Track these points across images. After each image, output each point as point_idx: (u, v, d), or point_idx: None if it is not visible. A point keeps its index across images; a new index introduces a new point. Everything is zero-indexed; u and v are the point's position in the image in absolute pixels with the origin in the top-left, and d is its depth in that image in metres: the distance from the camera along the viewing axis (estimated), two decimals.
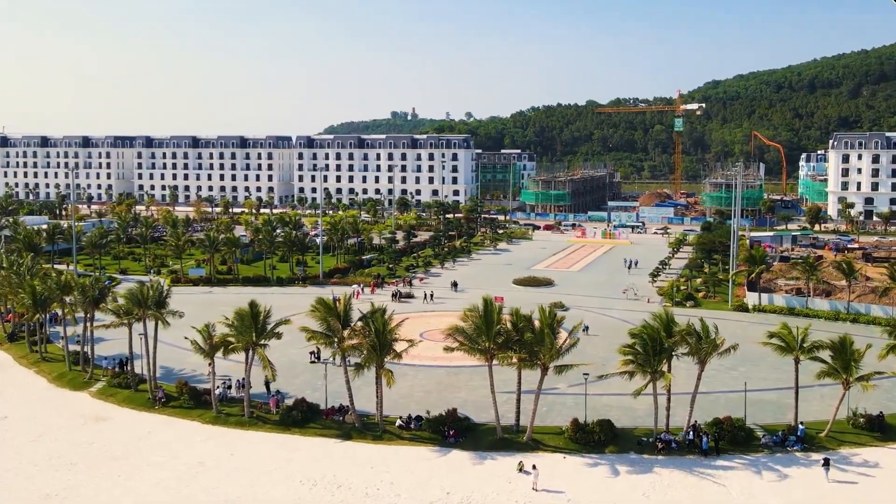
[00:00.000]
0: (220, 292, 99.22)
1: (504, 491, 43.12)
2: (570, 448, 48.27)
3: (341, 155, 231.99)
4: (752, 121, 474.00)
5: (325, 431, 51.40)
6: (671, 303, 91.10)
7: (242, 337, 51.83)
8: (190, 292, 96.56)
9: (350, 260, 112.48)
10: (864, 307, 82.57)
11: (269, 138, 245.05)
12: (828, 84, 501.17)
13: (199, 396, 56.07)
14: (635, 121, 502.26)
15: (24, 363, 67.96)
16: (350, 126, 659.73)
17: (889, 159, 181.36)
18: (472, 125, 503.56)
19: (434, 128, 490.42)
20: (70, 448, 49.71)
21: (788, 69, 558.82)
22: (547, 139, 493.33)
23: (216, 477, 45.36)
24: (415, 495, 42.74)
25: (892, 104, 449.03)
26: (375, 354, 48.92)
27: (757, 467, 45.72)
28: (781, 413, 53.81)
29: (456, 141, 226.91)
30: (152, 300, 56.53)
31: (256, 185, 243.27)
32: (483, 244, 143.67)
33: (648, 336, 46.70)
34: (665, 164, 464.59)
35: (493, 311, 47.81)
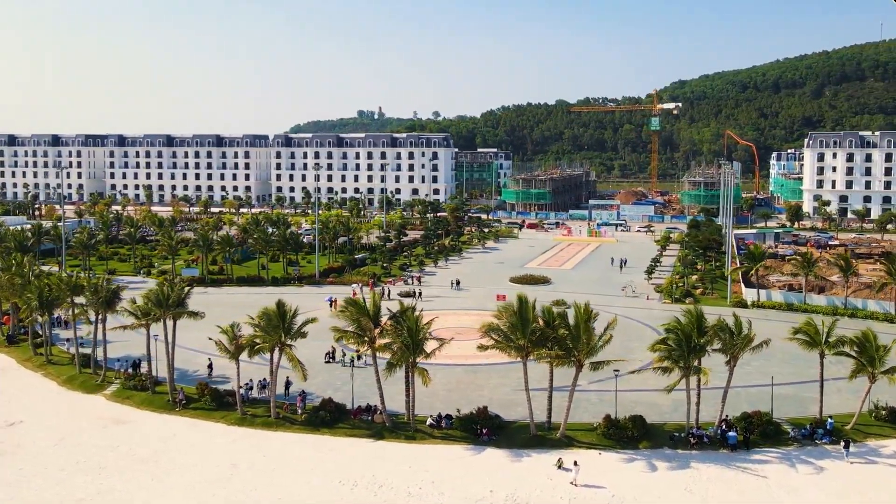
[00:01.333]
0: (215, 293, 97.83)
1: (546, 487, 43.22)
2: (603, 444, 48.53)
3: (320, 154, 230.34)
4: (719, 120, 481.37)
5: (356, 431, 51.04)
6: (670, 300, 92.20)
7: (270, 337, 51.21)
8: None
9: (346, 259, 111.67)
10: (860, 302, 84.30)
11: (246, 137, 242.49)
12: (792, 84, 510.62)
13: (221, 398, 55.31)
14: (605, 120, 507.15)
15: (30, 366, 66.37)
16: (317, 125, 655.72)
17: (863, 158, 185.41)
18: (443, 124, 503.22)
19: (405, 127, 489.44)
20: (95, 452, 48.69)
21: (753, 69, 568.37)
22: (518, 138, 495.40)
23: (252, 479, 44.77)
24: (458, 494, 42.63)
25: (853, 104, 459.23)
26: (408, 353, 48.68)
27: (791, 460, 46.42)
28: (802, 407, 54.72)
29: (436, 140, 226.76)
30: (174, 300, 55.55)
31: (233, 185, 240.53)
32: (471, 243, 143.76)
33: (683, 332, 47.09)
34: (635, 163, 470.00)
35: (528, 308, 47.85)
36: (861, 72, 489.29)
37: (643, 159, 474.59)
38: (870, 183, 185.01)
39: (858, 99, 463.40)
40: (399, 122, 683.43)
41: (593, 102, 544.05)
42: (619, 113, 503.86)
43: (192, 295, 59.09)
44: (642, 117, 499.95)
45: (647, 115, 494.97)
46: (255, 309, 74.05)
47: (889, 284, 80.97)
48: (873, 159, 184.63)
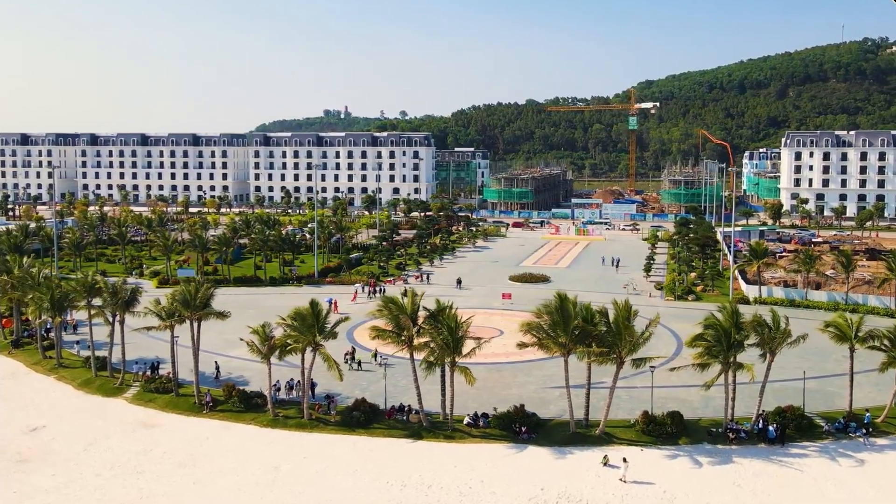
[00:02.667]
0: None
1: (596, 485, 43.25)
2: (643, 441, 48.76)
3: (299, 153, 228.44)
4: (687, 120, 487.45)
5: (393, 432, 50.62)
6: (673, 297, 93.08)
7: (304, 337, 50.55)
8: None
9: (343, 259, 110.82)
10: (861, 297, 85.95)
11: (223, 136, 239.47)
12: (757, 85, 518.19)
13: (250, 399, 54.46)
14: (574, 120, 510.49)
15: (40, 370, 64.69)
16: (282, 124, 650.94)
17: (839, 157, 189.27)
18: (414, 123, 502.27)
19: (377, 126, 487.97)
20: (129, 456, 47.59)
21: (718, 70, 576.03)
22: (489, 137, 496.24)
23: (297, 481, 44.16)
24: (510, 492, 42.47)
25: (816, 104, 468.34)
26: (448, 352, 48.43)
27: (830, 454, 47.10)
28: (827, 401, 55.56)
29: (417, 139, 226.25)
30: (200, 301, 54.56)
31: (210, 184, 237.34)
32: (461, 242, 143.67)
33: (722, 328, 47.52)
34: (605, 162, 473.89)
35: (570, 306, 47.88)
36: (823, 73, 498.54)
37: (613, 158, 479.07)
38: (845, 181, 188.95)
39: (821, 99, 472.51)
40: (366, 121, 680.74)
41: (562, 102, 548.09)
42: (589, 113, 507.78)
43: (216, 295, 58.02)
44: (611, 117, 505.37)
45: (616, 114, 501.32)
46: (259, 309, 73.66)
47: (889, 280, 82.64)
48: (849, 158, 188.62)
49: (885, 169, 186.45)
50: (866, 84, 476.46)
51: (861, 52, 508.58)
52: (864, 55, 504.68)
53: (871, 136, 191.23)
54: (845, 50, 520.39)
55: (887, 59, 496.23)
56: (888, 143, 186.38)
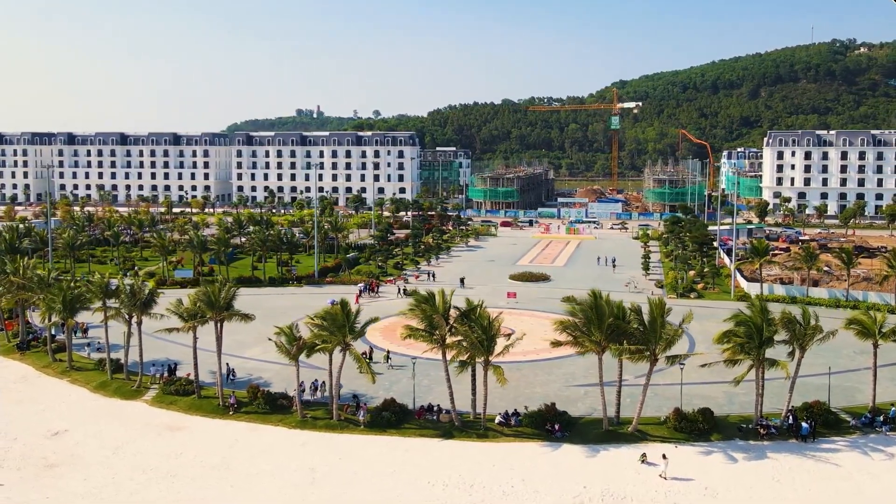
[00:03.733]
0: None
1: (637, 482, 43.37)
2: (675, 437, 49.00)
3: (282, 152, 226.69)
4: (661, 119, 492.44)
5: (424, 431, 50.38)
6: (676, 295, 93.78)
7: (334, 337, 50.12)
8: (180, 295, 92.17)
9: (342, 258, 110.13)
10: (861, 294, 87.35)
11: (205, 135, 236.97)
12: (729, 85, 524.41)
13: (275, 401, 53.87)
14: (550, 119, 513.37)
15: (51, 373, 63.42)
16: (254, 124, 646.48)
17: (820, 156, 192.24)
18: (391, 122, 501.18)
19: (354, 126, 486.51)
20: (160, 459, 46.83)
21: (691, 70, 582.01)
22: (466, 137, 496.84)
23: (337, 482, 43.76)
24: (553, 490, 42.47)
25: (787, 105, 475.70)
26: (482, 351, 48.33)
27: (860, 448, 47.73)
28: (848, 395, 56.33)
29: (402, 138, 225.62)
30: (224, 302, 53.87)
31: (192, 184, 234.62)
32: (454, 241, 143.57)
33: (754, 324, 47.96)
34: (582, 161, 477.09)
35: (604, 303, 48.03)
36: (794, 73, 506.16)
37: (590, 158, 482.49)
38: (826, 180, 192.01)
39: (793, 100, 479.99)
40: (339, 120, 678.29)
41: (538, 102, 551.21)
42: (565, 113, 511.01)
43: (238, 296, 57.27)
44: (587, 117, 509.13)
45: (591, 114, 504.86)
46: (263, 310, 72.43)
47: (890, 277, 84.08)
48: (830, 157, 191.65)
49: (864, 168, 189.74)
50: (835, 85, 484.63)
51: (830, 54, 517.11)
52: (833, 56, 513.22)
53: (852, 136, 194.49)
54: (815, 51, 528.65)
55: (855, 61, 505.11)
56: (868, 143, 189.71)
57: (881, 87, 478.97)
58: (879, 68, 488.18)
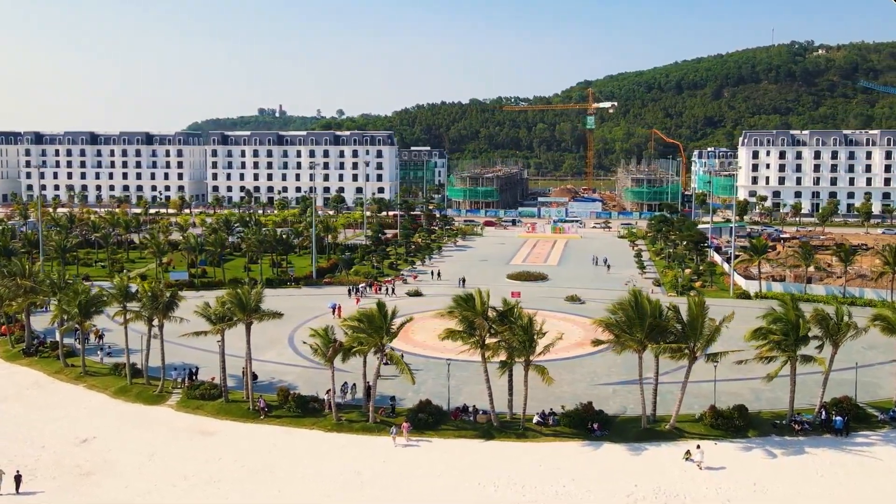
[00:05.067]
0: (211, 297, 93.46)
1: (685, 480, 43.66)
2: (713, 434, 49.46)
3: (259, 152, 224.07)
4: (627, 119, 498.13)
5: (463, 433, 50.17)
6: (676, 293, 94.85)
7: (371, 339, 49.69)
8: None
9: (338, 258, 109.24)
10: (857, 291, 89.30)
11: (179, 134, 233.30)
12: (693, 85, 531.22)
13: (306, 404, 53.22)
14: (518, 119, 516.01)
15: (65, 379, 61.81)
16: (216, 123, 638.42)
17: (794, 156, 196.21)
18: (359, 122, 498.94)
19: (322, 125, 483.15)
20: (198, 465, 45.97)
21: (655, 70, 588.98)
22: (435, 137, 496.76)
23: (385, 484, 43.39)
24: (605, 489, 42.61)
25: (750, 105, 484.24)
26: (524, 351, 48.34)
27: (894, 443, 48.78)
28: (867, 390, 57.31)
29: (380, 138, 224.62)
30: (254, 304, 53.09)
31: (165, 185, 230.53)
32: (442, 241, 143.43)
33: (790, 321, 48.68)
34: (550, 161, 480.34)
35: (645, 302, 48.36)
36: (756, 74, 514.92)
37: (558, 157, 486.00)
38: (800, 179, 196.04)
39: (755, 100, 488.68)
40: (303, 120, 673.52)
41: (505, 102, 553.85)
42: (532, 112, 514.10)
43: (264, 298, 56.43)
44: (554, 116, 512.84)
45: (559, 114, 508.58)
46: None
47: (886, 273, 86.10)
48: (803, 157, 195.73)
49: (837, 167, 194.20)
50: (796, 86, 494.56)
51: (790, 55, 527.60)
52: (792, 58, 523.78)
53: (825, 136, 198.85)
54: (775, 52, 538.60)
55: (814, 62, 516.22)
56: (840, 143, 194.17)
57: (839, 88, 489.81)
58: (837, 70, 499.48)
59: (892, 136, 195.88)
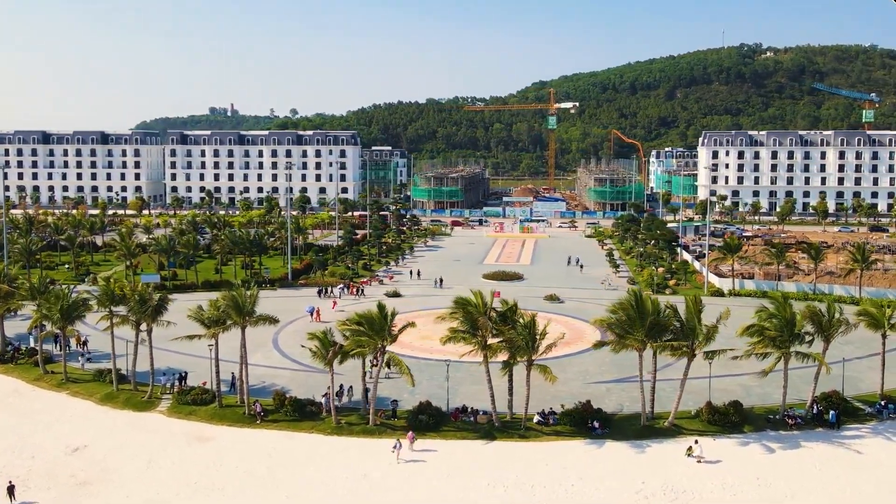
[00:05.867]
0: (185, 300, 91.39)
1: (691, 475, 44.18)
2: (710, 430, 50.23)
3: (219, 152, 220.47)
4: (583, 119, 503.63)
5: (465, 433, 50.09)
6: (651, 291, 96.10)
7: (371, 341, 49.30)
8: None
9: (312, 259, 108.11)
10: (827, 287, 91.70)
11: (136, 133, 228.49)
12: (647, 86, 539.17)
13: (303, 408, 52.56)
14: (475, 119, 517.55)
15: (46, 386, 59.93)
16: (166, 122, 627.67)
17: (752, 155, 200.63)
18: (315, 122, 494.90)
19: (277, 125, 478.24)
20: (199, 471, 45.02)
21: (609, 71, 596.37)
22: (392, 136, 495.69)
23: (393, 487, 43.06)
24: (613, 487, 42.93)
25: (702, 106, 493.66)
26: (527, 351, 48.50)
27: (884, 435, 50.08)
28: (852, 385, 58.82)
29: (343, 137, 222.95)
30: (250, 307, 52.24)
31: (121, 185, 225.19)
32: (412, 241, 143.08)
33: (785, 318, 49.73)
34: (507, 161, 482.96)
35: (646, 302, 48.90)
36: (707, 76, 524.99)
37: (515, 157, 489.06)
38: (758, 178, 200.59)
39: (706, 101, 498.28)
40: (255, 119, 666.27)
41: (462, 102, 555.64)
42: (489, 112, 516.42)
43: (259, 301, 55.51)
44: (510, 116, 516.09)
45: (515, 114, 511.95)
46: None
47: (854, 270, 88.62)
48: (761, 157, 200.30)
49: (793, 167, 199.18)
50: (745, 87, 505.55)
51: (739, 57, 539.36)
52: (742, 59, 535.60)
53: (781, 136, 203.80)
54: (725, 54, 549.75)
55: (762, 64, 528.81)
56: (796, 143, 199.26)
57: (787, 90, 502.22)
58: (785, 72, 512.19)
59: (845, 136, 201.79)
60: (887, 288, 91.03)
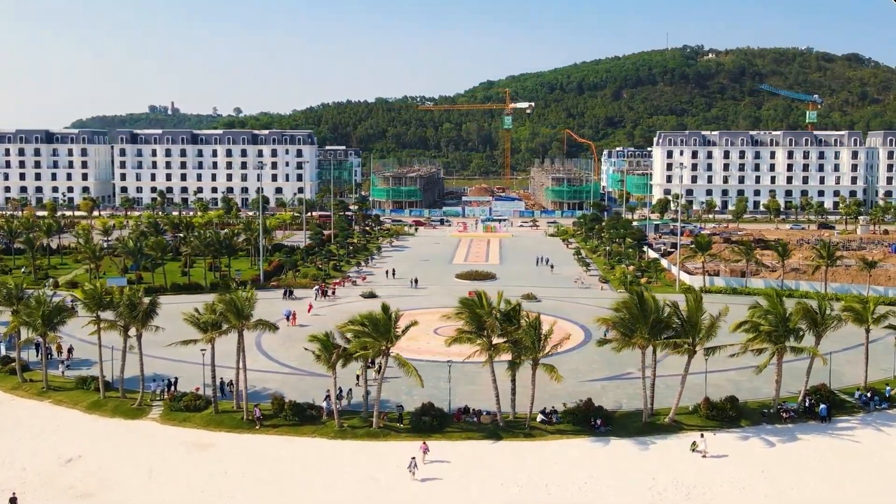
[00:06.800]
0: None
1: (697, 470, 44.96)
2: (709, 425, 51.05)
3: (171, 152, 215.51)
4: (532, 119, 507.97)
5: (470, 434, 50.01)
6: (624, 289, 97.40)
7: (376, 343, 48.81)
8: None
9: (284, 260, 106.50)
10: (793, 283, 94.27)
11: (83, 132, 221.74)
12: (593, 87, 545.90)
13: (303, 412, 51.72)
14: (425, 118, 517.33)
15: (26, 395, 57.72)
16: (103, 120, 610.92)
17: (705, 155, 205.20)
18: (263, 121, 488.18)
19: (223, 123, 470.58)
20: (204, 480, 43.91)
21: (555, 71, 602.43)
22: (342, 135, 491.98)
23: (405, 490, 42.64)
24: (625, 484, 43.29)
25: (648, 106, 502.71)
26: (533, 351, 48.65)
27: (873, 426, 51.75)
28: (834, 378, 60.68)
29: (300, 137, 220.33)
30: (248, 311, 51.18)
31: (67, 185, 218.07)
32: (376, 241, 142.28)
33: (779, 315, 50.94)
34: (458, 160, 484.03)
35: (649, 300, 49.49)
36: (653, 77, 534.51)
37: (465, 157, 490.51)
38: (711, 178, 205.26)
39: (652, 101, 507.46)
40: (198, 118, 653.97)
41: (411, 101, 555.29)
42: (438, 112, 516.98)
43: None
44: (459, 116, 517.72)
45: (464, 114, 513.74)
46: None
47: (820, 267, 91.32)
48: (714, 156, 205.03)
49: (744, 166, 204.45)
50: (689, 88, 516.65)
51: (683, 59, 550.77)
52: (685, 61, 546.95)
53: (733, 136, 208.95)
54: (670, 56, 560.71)
55: (705, 65, 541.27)
56: (747, 143, 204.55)
57: (729, 91, 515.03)
58: (727, 73, 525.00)
59: (793, 136, 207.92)
60: (850, 283, 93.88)
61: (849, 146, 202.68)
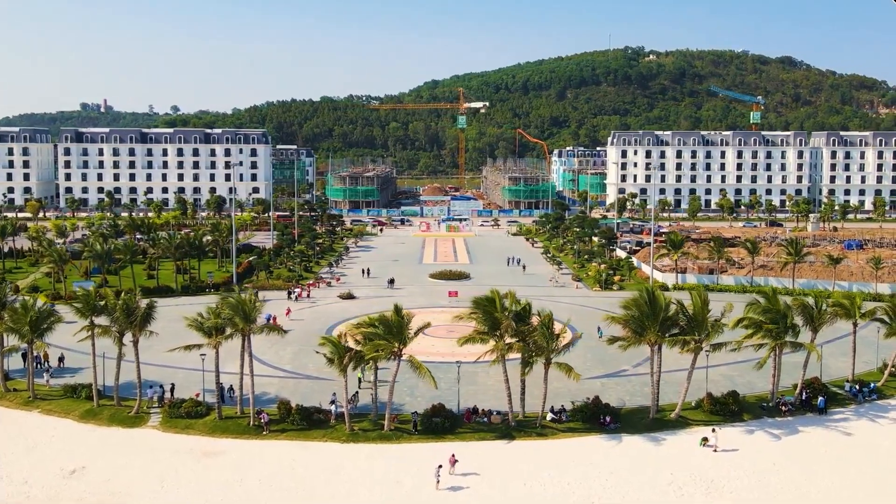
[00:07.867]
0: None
1: (712, 464, 45.79)
2: (713, 420, 52.04)
3: (119, 151, 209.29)
4: (478, 119, 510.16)
5: (482, 434, 49.94)
6: (599, 287, 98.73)
7: (389, 345, 48.31)
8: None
9: (254, 261, 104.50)
10: (762, 280, 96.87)
11: (25, 131, 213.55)
12: (538, 87, 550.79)
13: (311, 416, 50.85)
14: (371, 117, 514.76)
15: (11, 405, 55.35)
16: (32, 118, 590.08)
17: (658, 154, 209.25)
18: (207, 119, 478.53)
19: (166, 122, 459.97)
20: (220, 488, 42.81)
21: (500, 71, 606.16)
22: (287, 134, 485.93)
23: (432, 492, 42.28)
24: (644, 481, 43.77)
25: (592, 106, 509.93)
26: (546, 350, 48.82)
27: (867, 417, 53.57)
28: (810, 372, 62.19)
29: (254, 136, 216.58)
30: (254, 314, 50.07)
31: (8, 185, 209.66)
32: (341, 241, 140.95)
33: (778, 311, 52.25)
34: (405, 159, 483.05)
35: (660, 300, 50.15)
36: (596, 77, 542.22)
37: (412, 156, 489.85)
38: (664, 177, 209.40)
39: (595, 102, 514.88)
40: (133, 116, 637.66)
41: (356, 100, 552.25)
42: (384, 111, 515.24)
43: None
44: (406, 115, 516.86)
45: (411, 113, 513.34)
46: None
47: (788, 263, 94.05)
48: (667, 156, 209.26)
49: (696, 165, 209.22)
50: (632, 88, 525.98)
51: (625, 60, 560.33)
52: (628, 62, 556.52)
53: (685, 136, 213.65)
54: (612, 57, 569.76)
55: (647, 67, 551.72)
56: (698, 143, 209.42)
57: (669, 92, 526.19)
58: (667, 74, 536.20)
59: (741, 136, 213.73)
60: (815, 279, 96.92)
61: (794, 146, 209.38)
